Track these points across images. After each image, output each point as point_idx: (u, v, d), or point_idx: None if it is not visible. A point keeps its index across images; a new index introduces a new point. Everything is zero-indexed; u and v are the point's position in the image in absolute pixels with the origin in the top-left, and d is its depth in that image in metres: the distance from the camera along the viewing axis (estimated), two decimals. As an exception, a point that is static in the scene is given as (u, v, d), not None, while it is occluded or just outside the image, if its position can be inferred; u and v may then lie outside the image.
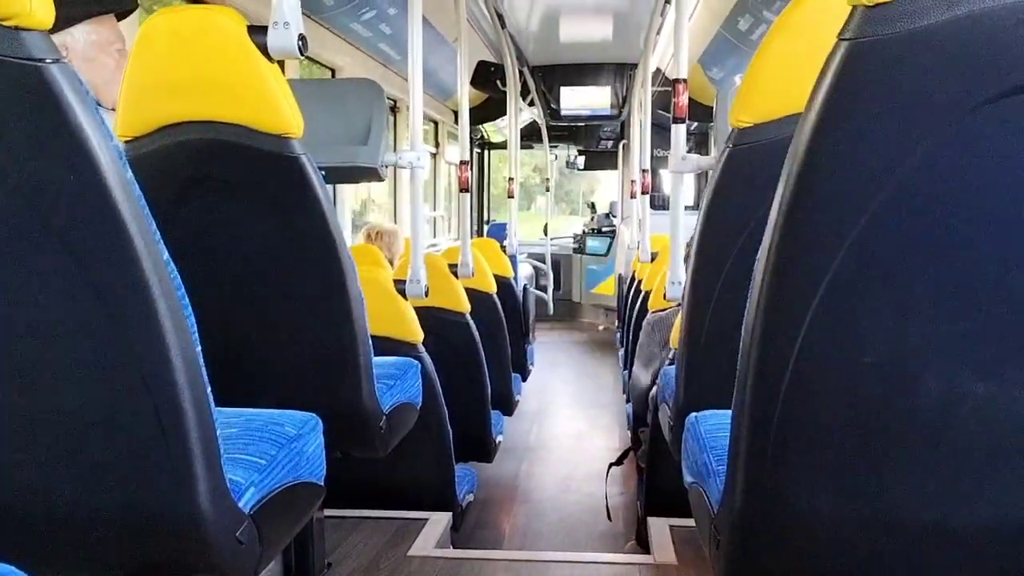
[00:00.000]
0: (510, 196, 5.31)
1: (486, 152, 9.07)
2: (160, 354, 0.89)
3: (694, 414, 1.26)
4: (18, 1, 0.76)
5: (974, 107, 0.72)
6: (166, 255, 0.89)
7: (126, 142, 1.36)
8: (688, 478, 1.21)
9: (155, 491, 0.95)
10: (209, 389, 0.96)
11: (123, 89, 1.36)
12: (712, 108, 2.62)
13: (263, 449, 1.11)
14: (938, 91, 0.72)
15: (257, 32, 1.30)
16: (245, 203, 1.38)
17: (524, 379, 4.53)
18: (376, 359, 1.59)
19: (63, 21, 1.41)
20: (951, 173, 0.75)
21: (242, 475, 1.04)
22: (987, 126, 0.73)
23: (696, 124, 7.05)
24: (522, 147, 7.78)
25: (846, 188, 0.76)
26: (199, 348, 0.94)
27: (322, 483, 1.26)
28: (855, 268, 0.78)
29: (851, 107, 0.75)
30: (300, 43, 1.31)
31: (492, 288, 3.52)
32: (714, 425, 1.18)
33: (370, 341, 1.53)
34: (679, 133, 2.04)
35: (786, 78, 1.32)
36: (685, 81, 2.12)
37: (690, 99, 3.30)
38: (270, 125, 1.32)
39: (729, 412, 0.91)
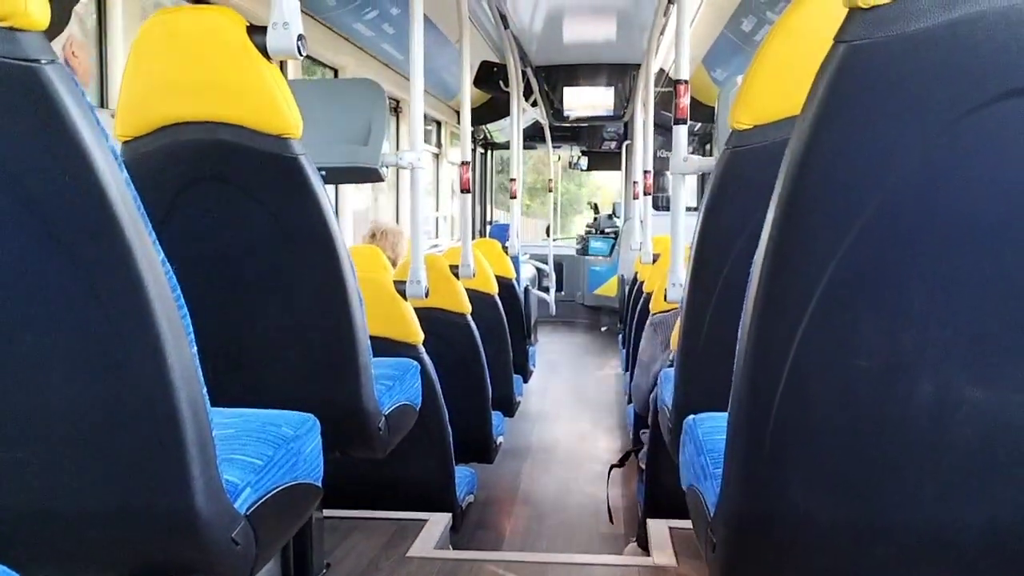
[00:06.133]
0: (512, 197, 5.31)
1: (489, 152, 9.06)
2: (155, 355, 0.89)
3: (692, 416, 1.26)
4: (13, 2, 0.76)
5: (969, 111, 0.72)
6: (162, 256, 0.89)
7: (125, 143, 1.36)
8: (686, 480, 1.20)
9: (150, 492, 0.94)
10: (205, 390, 0.96)
11: (122, 89, 1.36)
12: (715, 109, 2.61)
13: (260, 450, 1.11)
14: (933, 94, 0.72)
15: (256, 32, 1.30)
16: (244, 203, 1.38)
17: (526, 380, 4.53)
18: (375, 360, 1.59)
19: (66, 15, 1.42)
20: (946, 177, 0.74)
21: (238, 476, 1.03)
22: (982, 130, 0.72)
23: (700, 125, 7.03)
24: (525, 148, 7.77)
25: (841, 191, 0.76)
26: (195, 349, 0.94)
27: (320, 484, 1.26)
28: (850, 271, 0.77)
29: (846, 110, 0.74)
30: (299, 43, 1.31)
31: (493, 289, 3.51)
32: (712, 428, 1.18)
33: (369, 341, 1.53)
34: (680, 134, 2.04)
35: (785, 80, 1.32)
36: (687, 82, 2.12)
37: (694, 100, 3.28)
38: (269, 126, 1.32)
39: (727, 415, 0.91)
